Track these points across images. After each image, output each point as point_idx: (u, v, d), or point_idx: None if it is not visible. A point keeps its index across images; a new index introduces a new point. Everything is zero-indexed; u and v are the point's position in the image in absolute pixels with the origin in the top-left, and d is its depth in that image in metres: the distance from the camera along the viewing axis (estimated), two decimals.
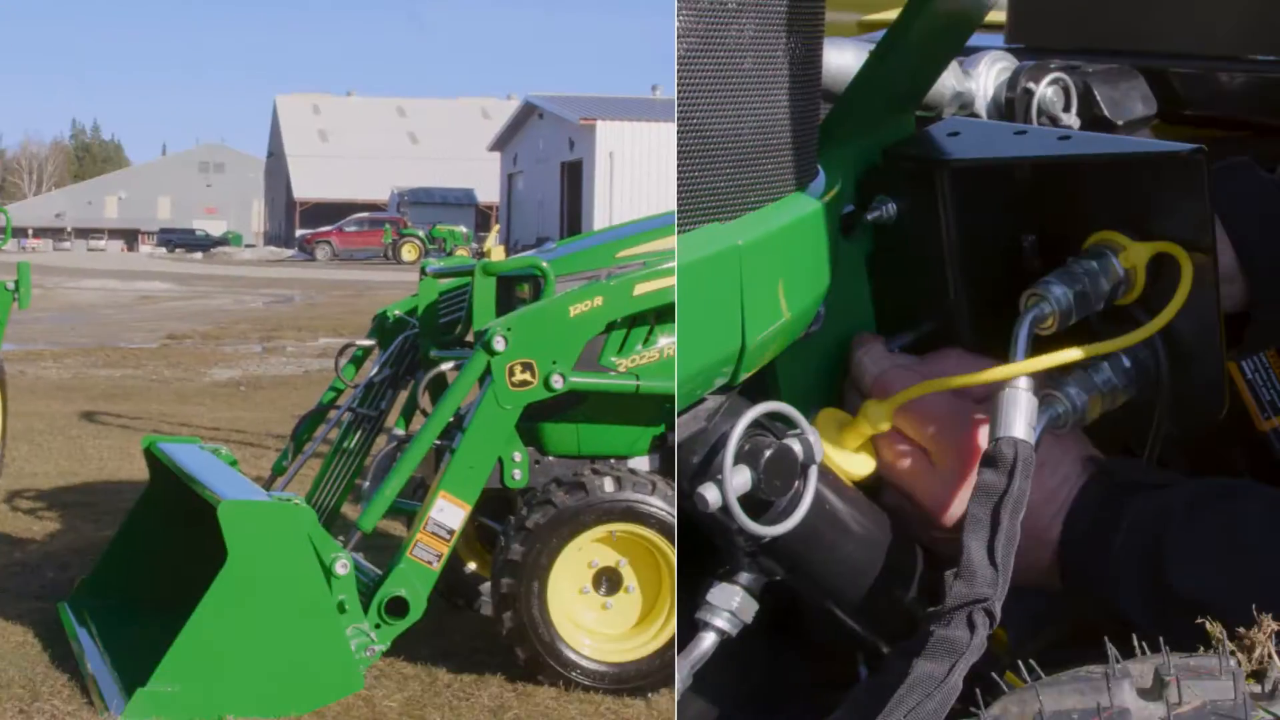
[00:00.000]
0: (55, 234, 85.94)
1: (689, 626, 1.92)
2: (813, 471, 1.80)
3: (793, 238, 1.76)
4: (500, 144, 57.02)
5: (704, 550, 1.96)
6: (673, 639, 4.25)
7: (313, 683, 3.98)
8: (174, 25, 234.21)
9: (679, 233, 1.64)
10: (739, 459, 1.74)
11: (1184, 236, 1.90)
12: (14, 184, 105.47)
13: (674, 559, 4.22)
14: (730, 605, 1.90)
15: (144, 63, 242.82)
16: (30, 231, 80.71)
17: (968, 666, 1.63)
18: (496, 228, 48.59)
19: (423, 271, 5.10)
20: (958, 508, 1.93)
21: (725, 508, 1.72)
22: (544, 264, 4.42)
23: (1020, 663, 1.56)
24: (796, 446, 1.78)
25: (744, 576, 1.91)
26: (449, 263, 5.27)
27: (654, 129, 43.76)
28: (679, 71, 1.58)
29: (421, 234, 48.09)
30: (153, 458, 4.98)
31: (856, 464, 1.99)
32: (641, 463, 4.40)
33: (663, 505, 4.19)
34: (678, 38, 1.57)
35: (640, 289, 4.24)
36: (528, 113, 53.09)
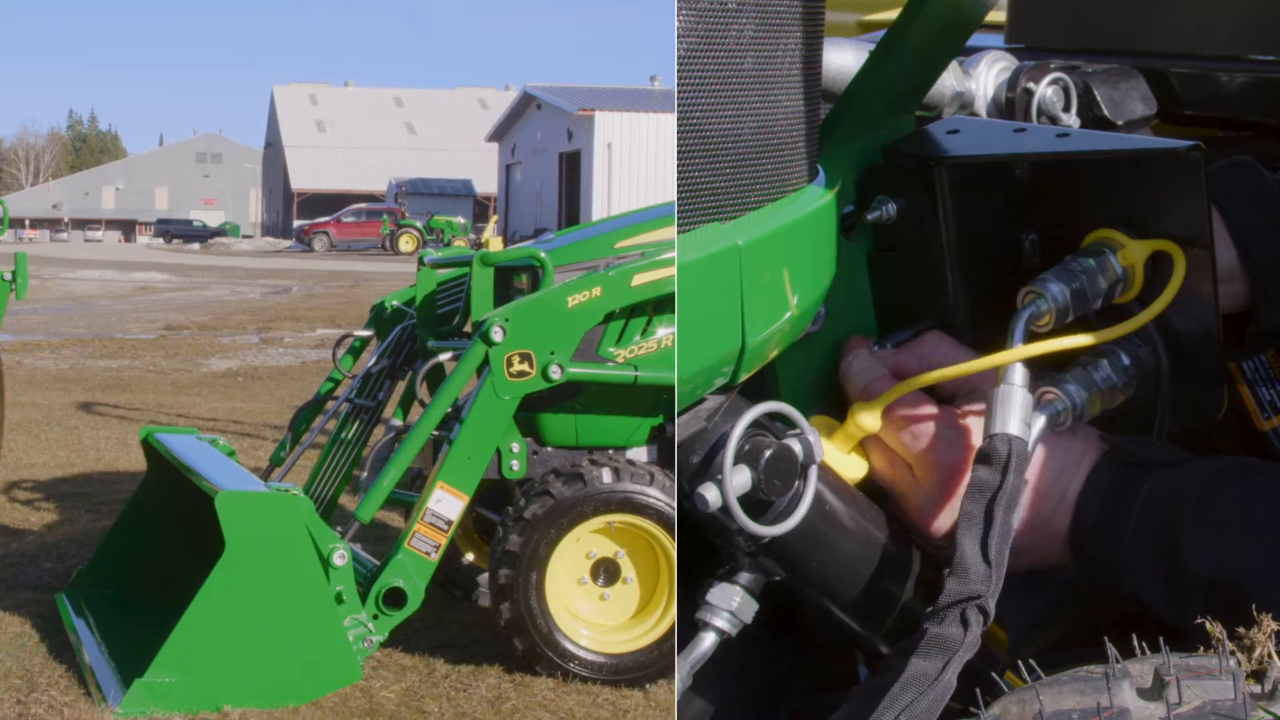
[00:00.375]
0: (52, 225, 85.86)
1: (689, 627, 1.92)
2: (812, 471, 1.80)
3: (793, 237, 1.76)
4: (498, 135, 56.88)
5: (704, 550, 1.96)
6: (671, 630, 4.25)
7: (310, 674, 3.98)
8: (172, 15, 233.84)
9: (679, 232, 1.64)
10: (739, 459, 1.74)
11: (1182, 233, 1.90)
12: (11, 175, 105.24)
13: (672, 550, 4.22)
14: (730, 605, 1.90)
15: (142, 53, 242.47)
16: (27, 222, 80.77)
17: (962, 664, 1.64)
18: (494, 218, 48.41)
19: (420, 262, 5.08)
20: (942, 521, 1.94)
21: (725, 508, 1.72)
22: (542, 254, 4.41)
23: (1020, 663, 1.57)
24: (796, 446, 1.78)
25: (744, 576, 1.91)
26: (447, 253, 5.23)
27: (652, 120, 43.64)
28: (679, 71, 1.58)
29: (419, 225, 48.04)
30: (150, 448, 4.98)
31: (849, 467, 1.99)
32: (640, 453, 4.40)
33: (661, 496, 4.19)
34: (678, 38, 1.57)
35: (638, 279, 4.23)
36: (525, 103, 52.93)
